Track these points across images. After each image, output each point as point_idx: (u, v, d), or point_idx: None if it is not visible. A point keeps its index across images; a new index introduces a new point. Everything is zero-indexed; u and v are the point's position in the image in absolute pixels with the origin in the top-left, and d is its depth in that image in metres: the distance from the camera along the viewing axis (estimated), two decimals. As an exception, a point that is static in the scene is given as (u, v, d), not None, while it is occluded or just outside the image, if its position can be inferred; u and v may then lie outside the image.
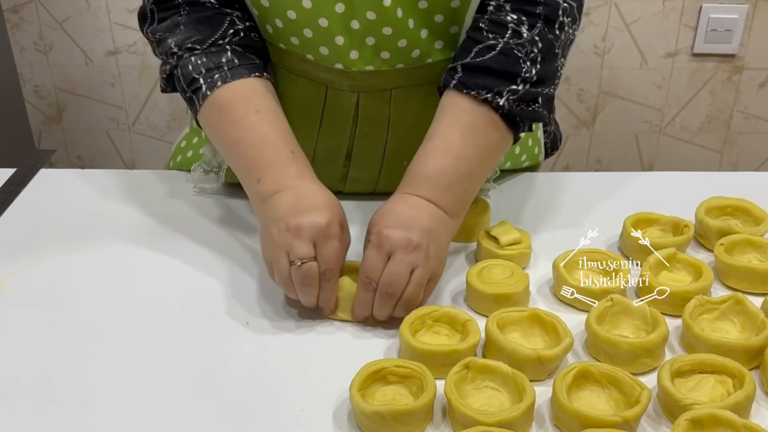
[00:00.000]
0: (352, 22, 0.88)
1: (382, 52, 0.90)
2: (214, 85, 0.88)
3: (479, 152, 0.86)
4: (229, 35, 0.90)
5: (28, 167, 1.12)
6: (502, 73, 0.85)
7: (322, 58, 0.91)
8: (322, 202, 0.81)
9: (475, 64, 0.85)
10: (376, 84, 0.93)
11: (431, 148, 0.85)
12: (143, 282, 0.89)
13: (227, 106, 0.88)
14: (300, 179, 0.84)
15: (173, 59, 0.91)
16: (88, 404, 0.72)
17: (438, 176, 0.83)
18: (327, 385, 0.73)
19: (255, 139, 0.86)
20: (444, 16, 0.89)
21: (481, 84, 0.84)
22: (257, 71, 0.90)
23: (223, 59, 0.89)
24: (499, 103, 0.84)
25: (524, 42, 0.85)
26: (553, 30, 0.87)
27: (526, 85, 0.85)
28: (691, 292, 0.81)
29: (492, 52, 0.85)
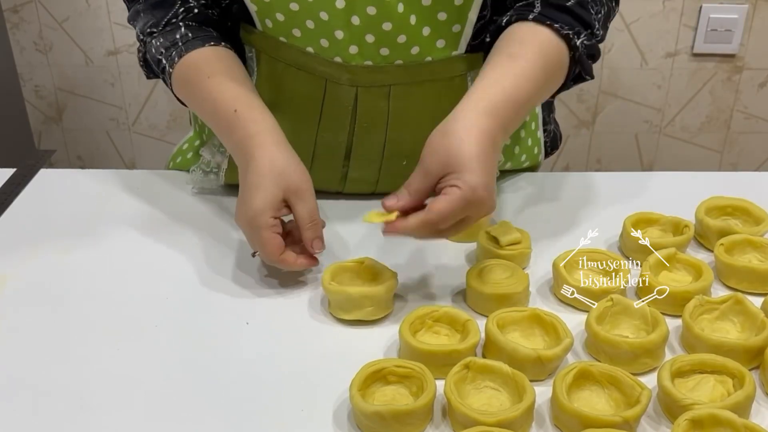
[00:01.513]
0: (353, 18, 0.88)
1: (381, 48, 0.90)
2: (174, 61, 0.92)
3: (548, 85, 0.88)
4: (181, 13, 0.93)
5: (28, 167, 1.12)
6: (580, 18, 0.87)
7: (322, 51, 0.92)
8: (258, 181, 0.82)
9: (555, 4, 0.87)
10: (375, 79, 0.93)
11: (518, 71, 0.83)
12: (143, 282, 0.89)
13: (186, 78, 0.92)
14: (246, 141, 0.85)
15: (142, 46, 0.96)
16: (88, 404, 0.72)
17: (524, 104, 0.83)
18: (327, 385, 0.73)
19: (208, 106, 0.90)
20: (447, 14, 0.89)
21: (562, 20, 0.86)
22: (212, 41, 0.93)
23: (177, 36, 0.93)
24: (576, 43, 0.86)
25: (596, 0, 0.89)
26: (612, 1, 0.92)
27: (594, 39, 0.89)
28: (691, 292, 0.81)
29: (570, 1, 0.88)
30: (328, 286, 0.82)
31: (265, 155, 0.83)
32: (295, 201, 0.83)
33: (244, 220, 0.84)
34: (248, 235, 0.85)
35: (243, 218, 0.84)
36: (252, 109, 0.87)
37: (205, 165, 1.05)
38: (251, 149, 0.84)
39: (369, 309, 0.81)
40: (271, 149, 0.84)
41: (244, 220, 0.84)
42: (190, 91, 0.92)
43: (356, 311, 0.81)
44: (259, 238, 0.82)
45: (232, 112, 0.86)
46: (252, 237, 0.84)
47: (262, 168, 0.83)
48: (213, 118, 0.90)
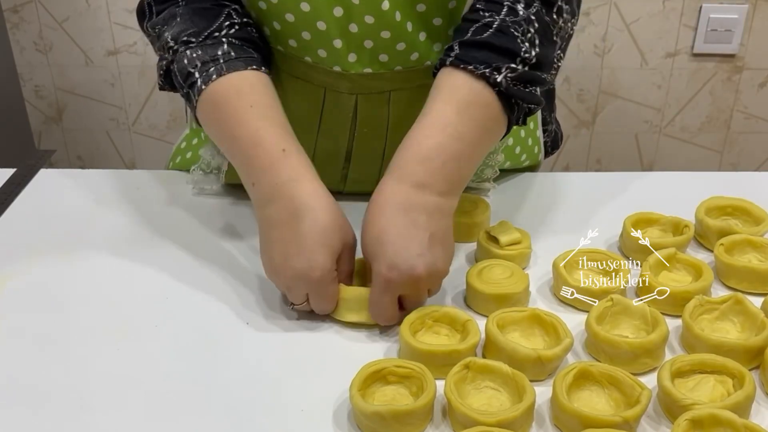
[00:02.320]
0: (351, 26, 0.87)
1: (380, 55, 0.90)
2: (209, 78, 0.85)
3: (474, 131, 0.81)
4: (225, 27, 0.88)
5: (28, 167, 1.12)
6: (501, 50, 0.81)
7: (321, 61, 0.91)
8: (323, 236, 0.77)
9: (472, 41, 0.82)
10: (375, 86, 0.93)
11: (424, 125, 0.81)
12: (143, 282, 0.89)
13: (222, 100, 0.85)
14: (292, 184, 0.79)
15: (169, 54, 0.88)
16: (88, 404, 0.72)
17: (432, 156, 0.79)
18: (327, 385, 0.73)
19: (247, 136, 0.82)
20: (442, 19, 0.89)
21: (479, 59, 0.81)
22: (254, 64, 0.87)
23: (219, 52, 0.86)
24: (497, 80, 0.80)
25: (520, 20, 0.83)
26: (551, 13, 0.85)
27: (525, 66, 0.82)
28: (691, 292, 0.81)
29: (489, 30, 0.82)
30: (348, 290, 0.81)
31: (323, 208, 0.78)
32: (343, 256, 0.80)
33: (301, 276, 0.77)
34: (304, 290, 0.79)
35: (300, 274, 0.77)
36: (300, 153, 0.82)
37: (205, 166, 1.04)
38: (304, 196, 0.78)
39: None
40: (327, 199, 0.79)
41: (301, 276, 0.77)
42: (223, 115, 0.84)
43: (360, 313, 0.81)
44: (325, 292, 0.78)
45: (280, 150, 0.80)
46: (316, 291, 0.78)
47: (325, 219, 0.78)
48: (250, 150, 0.82)
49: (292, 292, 0.80)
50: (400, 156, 0.81)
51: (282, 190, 0.79)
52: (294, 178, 0.80)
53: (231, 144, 0.85)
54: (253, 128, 0.82)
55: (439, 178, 0.79)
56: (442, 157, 0.79)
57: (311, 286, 0.78)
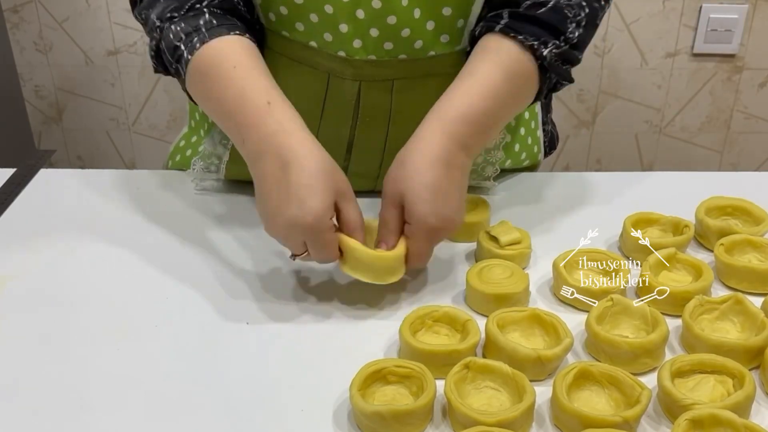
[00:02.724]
0: (358, 11, 0.88)
1: (385, 43, 0.90)
2: (194, 48, 0.86)
3: (514, 99, 0.87)
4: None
5: (28, 167, 1.12)
6: (549, 26, 0.86)
7: (326, 45, 0.91)
8: (312, 181, 0.76)
9: (523, 14, 0.86)
10: (378, 74, 0.93)
11: (473, 85, 0.84)
12: (143, 282, 0.89)
13: (207, 66, 0.86)
14: (280, 135, 0.79)
15: (157, 33, 0.89)
16: (88, 404, 0.72)
17: (480, 119, 0.83)
18: (327, 385, 0.73)
19: (233, 95, 0.83)
20: (452, 9, 0.89)
21: (529, 31, 0.85)
22: (237, 30, 0.88)
23: (200, 21, 0.87)
24: (543, 53, 0.85)
25: (574, 4, 0.87)
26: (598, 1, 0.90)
27: (567, 45, 0.87)
28: (691, 292, 0.81)
29: (543, 7, 0.86)
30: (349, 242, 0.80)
31: (310, 154, 0.78)
32: (344, 204, 0.80)
33: (295, 224, 0.76)
34: (299, 240, 0.78)
35: (294, 222, 0.76)
36: (285, 104, 0.82)
37: (207, 156, 1.04)
38: (292, 144, 0.78)
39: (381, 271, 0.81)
40: (313, 148, 0.79)
41: (295, 224, 0.76)
42: (210, 81, 0.85)
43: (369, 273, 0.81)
44: (323, 240, 0.78)
45: (265, 103, 0.81)
46: (311, 239, 0.78)
47: (312, 165, 0.77)
48: (237, 108, 0.83)
49: (289, 241, 0.79)
50: (447, 110, 0.84)
51: (269, 141, 0.79)
52: (280, 130, 0.80)
53: (219, 106, 0.86)
54: (239, 87, 0.83)
55: (479, 141, 0.85)
56: (487, 122, 0.84)
57: (306, 233, 0.77)
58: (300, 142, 0.79)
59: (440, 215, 0.80)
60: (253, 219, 1.00)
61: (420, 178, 0.80)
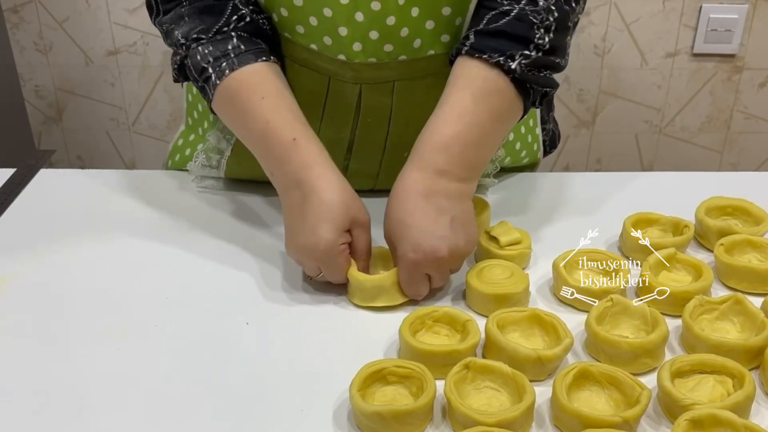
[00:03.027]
0: (356, 14, 0.88)
1: (385, 45, 0.90)
2: (222, 73, 0.88)
3: (491, 118, 0.85)
4: (233, 21, 0.90)
5: (28, 167, 1.12)
6: (515, 37, 0.84)
7: (326, 48, 0.92)
8: (325, 210, 0.82)
9: (487, 30, 0.85)
10: (379, 76, 0.93)
11: (442, 114, 0.84)
12: (143, 282, 0.89)
13: (235, 95, 0.88)
14: (303, 171, 0.83)
15: (182, 50, 0.91)
16: (88, 404, 0.72)
17: (450, 144, 0.83)
18: (327, 385, 0.73)
19: (260, 128, 0.87)
20: (451, 8, 0.89)
21: (493, 47, 0.84)
22: (264, 55, 0.90)
23: (229, 46, 0.89)
24: (511, 67, 0.83)
25: (540, 9, 0.85)
26: (570, 2, 0.88)
27: (538, 52, 0.85)
28: (691, 292, 0.81)
29: (506, 17, 0.85)
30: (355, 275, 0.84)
31: (330, 186, 0.83)
32: (356, 233, 0.85)
33: (309, 251, 0.83)
34: (314, 263, 0.84)
35: (309, 249, 0.83)
36: (310, 140, 0.86)
37: (210, 150, 1.04)
38: (312, 180, 0.83)
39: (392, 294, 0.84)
40: (333, 179, 0.84)
41: (309, 251, 0.83)
42: (238, 109, 0.88)
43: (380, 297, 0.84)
44: (336, 265, 0.83)
45: (291, 140, 0.85)
46: (325, 264, 0.83)
47: (328, 197, 0.82)
48: (263, 141, 0.87)
49: (305, 265, 0.85)
50: (420, 145, 0.85)
51: (293, 179, 0.84)
52: (304, 166, 0.84)
53: (247, 136, 0.90)
54: (264, 120, 0.86)
55: (458, 164, 0.84)
56: (460, 144, 0.83)
57: (319, 259, 0.83)
58: (320, 177, 0.83)
59: (417, 248, 0.81)
60: (253, 219, 1.00)
61: (396, 213, 0.83)
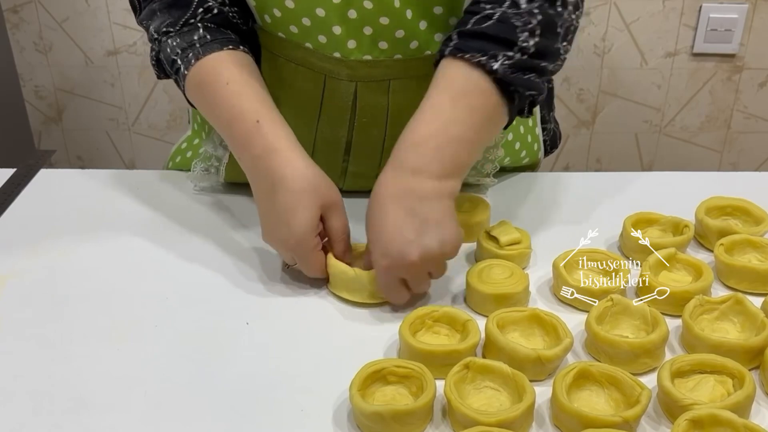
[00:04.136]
0: (350, 12, 0.88)
1: (380, 42, 0.90)
2: (189, 63, 0.89)
3: (472, 117, 0.83)
4: (199, 13, 0.91)
5: (28, 167, 1.12)
6: (498, 39, 0.82)
7: (321, 47, 0.92)
8: (295, 202, 0.81)
9: (470, 31, 0.84)
10: (374, 74, 0.93)
11: (420, 114, 0.83)
12: (143, 282, 0.89)
13: (202, 82, 0.89)
14: (267, 158, 0.83)
15: (155, 44, 0.93)
16: (88, 404, 0.72)
17: (425, 142, 0.81)
18: (327, 385, 0.73)
19: (225, 114, 0.87)
20: (443, 8, 0.89)
21: (475, 47, 0.82)
22: (231, 44, 0.91)
23: (195, 37, 0.90)
24: (493, 67, 0.81)
25: (522, 12, 0.83)
26: (555, 6, 0.86)
27: (522, 55, 0.83)
28: (691, 292, 0.81)
29: (489, 21, 0.83)
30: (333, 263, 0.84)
31: (296, 172, 0.82)
32: (329, 216, 0.84)
33: (283, 243, 0.84)
34: (289, 254, 0.85)
35: (282, 241, 0.84)
36: (274, 123, 0.85)
37: (207, 159, 1.05)
38: (277, 166, 0.83)
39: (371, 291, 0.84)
40: (299, 165, 0.83)
41: (283, 243, 0.84)
42: (205, 97, 0.90)
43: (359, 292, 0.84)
44: (306, 259, 0.84)
45: (254, 122, 0.84)
46: (298, 257, 0.85)
47: (296, 186, 0.82)
48: (229, 127, 0.87)
49: (281, 254, 0.87)
50: (396, 146, 0.84)
51: (258, 164, 0.84)
52: (268, 150, 0.84)
53: (216, 121, 0.90)
54: (229, 105, 0.87)
55: (432, 161, 0.81)
56: (435, 141, 0.81)
57: (293, 251, 0.84)
58: (285, 163, 0.83)
59: (386, 252, 0.80)
60: (253, 219, 1.00)
61: (369, 220, 0.82)
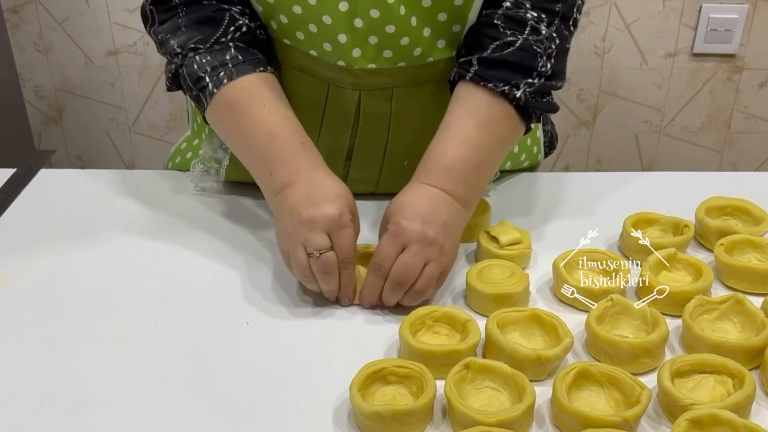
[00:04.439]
0: (356, 21, 0.88)
1: (384, 51, 0.91)
2: (220, 82, 0.88)
3: (493, 143, 0.88)
4: (230, 32, 0.90)
5: (28, 167, 1.12)
6: (519, 66, 0.87)
7: (325, 55, 0.92)
8: (333, 192, 0.83)
9: (492, 59, 0.87)
10: (378, 82, 0.93)
11: (448, 138, 0.86)
12: (143, 282, 0.89)
13: (235, 102, 0.89)
14: (311, 170, 0.85)
15: (178, 59, 0.91)
16: (88, 404, 0.72)
17: (455, 166, 0.85)
18: (327, 385, 0.73)
19: (265, 132, 0.87)
20: (447, 15, 0.89)
21: (498, 77, 0.86)
22: (261, 66, 0.91)
23: (227, 56, 0.90)
24: (516, 95, 0.86)
25: (543, 38, 0.87)
26: (569, 27, 0.90)
27: (541, 79, 0.87)
28: (691, 292, 0.81)
29: (511, 47, 0.87)
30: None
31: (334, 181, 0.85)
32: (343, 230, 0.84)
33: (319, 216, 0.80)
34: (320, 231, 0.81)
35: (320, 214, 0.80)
36: (314, 147, 0.88)
37: (206, 160, 1.05)
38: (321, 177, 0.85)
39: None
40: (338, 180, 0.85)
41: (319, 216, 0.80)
42: (237, 116, 0.89)
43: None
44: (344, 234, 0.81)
45: (299, 144, 0.86)
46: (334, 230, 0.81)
47: (333, 188, 0.83)
48: (267, 144, 0.87)
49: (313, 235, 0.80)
50: (425, 166, 0.87)
51: (303, 175, 0.84)
52: (312, 167, 0.86)
53: (246, 140, 0.89)
54: (270, 125, 0.87)
55: (461, 186, 0.85)
56: (465, 168, 0.86)
57: (330, 225, 0.81)
58: (326, 177, 0.85)
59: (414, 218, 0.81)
60: (253, 219, 1.00)
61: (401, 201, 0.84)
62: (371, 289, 0.83)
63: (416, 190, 0.85)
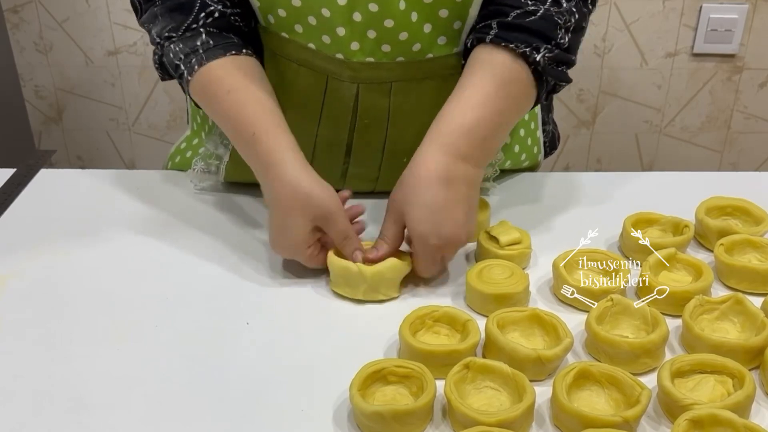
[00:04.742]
0: (354, 14, 0.88)
1: (383, 45, 0.91)
2: (192, 69, 0.90)
3: (510, 106, 0.88)
4: (201, 18, 0.91)
5: (28, 167, 1.12)
6: (538, 33, 0.86)
7: (324, 47, 0.92)
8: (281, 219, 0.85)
9: (511, 23, 0.87)
10: (376, 76, 0.93)
11: (467, 98, 0.86)
12: (143, 282, 0.89)
13: (205, 89, 0.90)
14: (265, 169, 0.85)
15: (158, 48, 0.94)
16: (88, 404, 0.72)
17: (475, 129, 0.84)
18: (327, 385, 0.73)
19: (227, 124, 0.89)
20: (449, 11, 0.89)
21: (519, 39, 0.86)
22: (234, 49, 0.91)
23: (197, 42, 0.90)
24: (536, 59, 0.86)
25: (563, 11, 0.88)
26: (587, 5, 0.91)
27: (558, 49, 0.88)
28: (691, 292, 0.81)
29: (533, 16, 0.87)
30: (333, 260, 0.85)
31: (285, 189, 0.84)
32: (325, 226, 0.85)
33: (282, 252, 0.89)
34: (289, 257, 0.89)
35: (281, 248, 0.88)
36: (269, 134, 0.86)
37: (207, 157, 1.05)
38: (270, 181, 0.85)
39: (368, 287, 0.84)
40: (288, 181, 0.83)
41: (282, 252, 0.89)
42: (208, 104, 0.91)
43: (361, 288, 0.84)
44: (305, 262, 0.88)
45: (251, 135, 0.86)
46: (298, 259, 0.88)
47: (285, 203, 0.84)
48: (232, 135, 0.90)
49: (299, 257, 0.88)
50: (442, 126, 0.86)
51: (260, 171, 0.87)
52: (263, 164, 0.86)
53: (223, 126, 0.92)
54: (231, 115, 0.88)
55: (479, 150, 0.86)
56: (484, 130, 0.85)
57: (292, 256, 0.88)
58: (277, 178, 0.84)
59: (440, 235, 0.83)
60: (253, 219, 1.00)
61: (418, 198, 0.83)
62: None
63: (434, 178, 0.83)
